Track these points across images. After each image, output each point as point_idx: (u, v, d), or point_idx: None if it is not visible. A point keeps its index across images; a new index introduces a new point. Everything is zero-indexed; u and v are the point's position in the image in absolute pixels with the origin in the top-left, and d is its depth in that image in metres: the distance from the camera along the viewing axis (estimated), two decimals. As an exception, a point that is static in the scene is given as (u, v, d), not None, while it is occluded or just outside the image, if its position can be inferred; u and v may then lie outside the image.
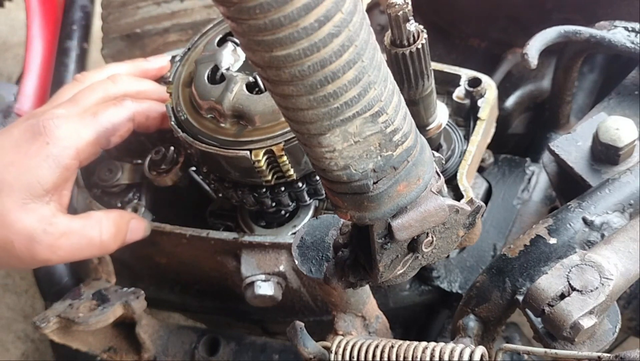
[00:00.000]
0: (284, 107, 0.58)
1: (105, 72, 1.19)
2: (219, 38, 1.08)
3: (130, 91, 1.14)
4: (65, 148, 1.02)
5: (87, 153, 1.05)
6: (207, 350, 1.20)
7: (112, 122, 1.07)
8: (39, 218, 1.00)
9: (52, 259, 1.02)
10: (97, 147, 1.07)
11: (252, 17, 0.50)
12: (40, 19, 1.64)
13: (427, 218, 0.66)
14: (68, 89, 1.16)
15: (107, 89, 1.12)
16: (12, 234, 0.98)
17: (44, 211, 1.00)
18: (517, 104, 1.42)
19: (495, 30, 1.43)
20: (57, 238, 1.01)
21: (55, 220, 1.01)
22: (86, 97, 1.10)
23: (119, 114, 1.08)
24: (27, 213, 0.99)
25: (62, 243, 1.01)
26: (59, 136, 1.02)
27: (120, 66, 1.22)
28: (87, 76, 1.18)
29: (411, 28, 0.85)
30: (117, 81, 1.14)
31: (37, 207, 1.00)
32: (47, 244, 1.00)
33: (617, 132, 0.94)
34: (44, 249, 1.00)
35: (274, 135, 0.98)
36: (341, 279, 0.77)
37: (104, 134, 1.07)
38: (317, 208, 1.15)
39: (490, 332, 0.90)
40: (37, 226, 0.99)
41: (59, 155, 1.01)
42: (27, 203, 0.99)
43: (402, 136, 0.61)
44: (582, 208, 0.88)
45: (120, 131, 1.09)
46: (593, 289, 0.76)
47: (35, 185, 0.99)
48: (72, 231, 1.02)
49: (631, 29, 1.08)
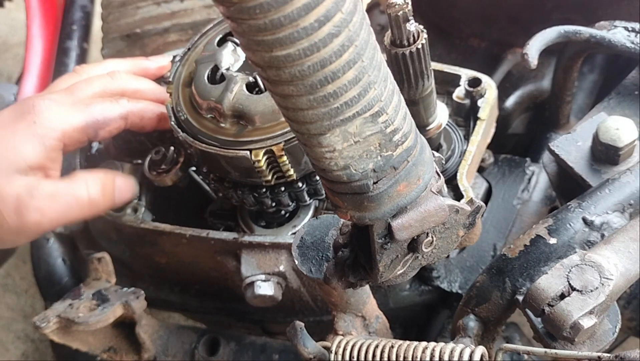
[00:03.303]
0: (284, 107, 0.58)
1: (104, 66, 1.19)
2: (219, 38, 1.08)
3: (128, 89, 1.14)
4: (51, 129, 1.02)
5: (72, 139, 1.05)
6: (207, 350, 1.19)
7: (103, 115, 1.08)
8: (24, 184, 1.00)
9: (42, 222, 1.02)
10: (84, 135, 1.07)
11: (252, 17, 0.50)
12: (40, 19, 1.64)
13: (427, 218, 0.66)
14: (65, 79, 1.17)
15: (105, 84, 1.12)
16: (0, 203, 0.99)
17: (29, 180, 1.01)
18: (517, 104, 1.42)
19: (495, 30, 1.43)
20: (44, 200, 1.01)
21: (41, 185, 1.01)
22: (83, 89, 1.10)
23: (112, 109, 1.08)
24: (11, 182, 0.99)
25: (50, 205, 1.01)
26: (46, 117, 1.02)
27: (120, 62, 1.22)
28: (86, 69, 1.19)
29: (411, 28, 0.85)
30: (116, 78, 1.14)
31: (21, 178, 1.00)
32: (35, 207, 1.00)
33: (617, 132, 0.94)
34: (33, 212, 1.00)
35: (274, 135, 0.98)
36: (341, 279, 0.77)
37: (93, 124, 1.07)
38: (317, 208, 1.15)
39: (490, 332, 0.90)
40: (22, 191, 1.00)
41: (44, 135, 1.02)
42: (11, 175, 0.99)
43: (402, 136, 0.61)
44: (582, 208, 0.88)
45: (109, 127, 1.09)
46: (593, 289, 0.76)
47: (19, 161, 1.00)
48: (58, 192, 1.03)
49: (631, 29, 1.08)
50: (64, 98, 1.07)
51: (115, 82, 1.13)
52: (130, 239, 1.23)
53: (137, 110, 1.11)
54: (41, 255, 1.39)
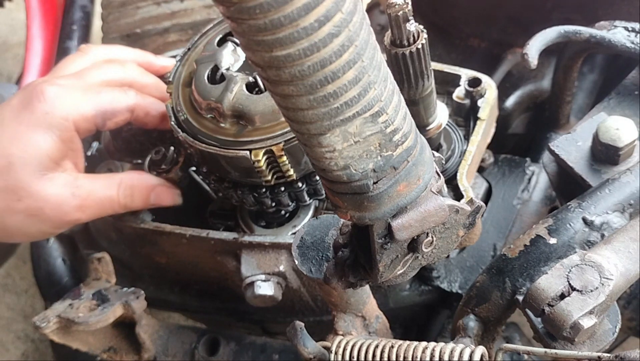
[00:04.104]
0: (284, 107, 0.58)
1: (111, 50, 1.19)
2: (219, 38, 1.08)
3: (138, 82, 1.14)
4: (63, 119, 1.02)
5: (82, 127, 1.06)
6: (207, 350, 1.20)
7: (112, 105, 1.08)
8: (63, 183, 1.02)
9: (81, 218, 1.06)
10: (93, 124, 1.07)
11: (252, 17, 0.50)
12: (40, 19, 1.64)
13: (427, 218, 0.66)
14: (72, 59, 1.16)
15: (116, 72, 1.12)
16: (41, 202, 1.01)
17: (65, 177, 1.03)
18: (517, 104, 1.42)
19: (495, 30, 1.43)
20: (84, 199, 1.04)
21: (79, 183, 1.04)
22: (93, 74, 1.10)
23: (121, 100, 1.08)
24: (49, 181, 1.01)
25: (89, 203, 1.05)
26: (57, 106, 1.02)
27: (127, 50, 1.21)
28: (92, 48, 1.18)
29: (411, 28, 0.85)
30: (127, 68, 1.14)
31: (56, 175, 1.02)
32: (76, 205, 1.03)
33: (617, 132, 0.94)
34: (74, 210, 1.04)
35: (274, 135, 0.98)
36: (341, 279, 0.77)
37: (102, 114, 1.07)
38: (317, 208, 1.15)
39: (490, 332, 0.90)
40: (63, 191, 1.02)
41: (58, 126, 1.02)
42: (45, 173, 1.01)
43: (402, 136, 0.61)
44: (582, 208, 0.88)
45: (117, 118, 1.09)
46: (593, 289, 0.76)
47: (44, 158, 1.01)
48: (95, 190, 1.06)
49: (631, 29, 1.08)
50: (73, 83, 1.06)
51: (126, 73, 1.13)
52: (130, 239, 1.23)
53: (143, 105, 1.11)
54: (41, 255, 1.39)
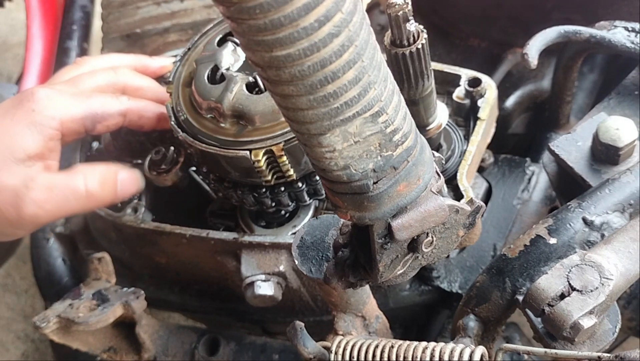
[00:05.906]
0: (284, 107, 0.58)
1: (107, 59, 1.19)
2: (219, 38, 1.08)
3: (131, 86, 1.14)
4: (50, 118, 1.02)
5: (70, 129, 1.05)
6: (207, 350, 1.19)
7: (102, 109, 1.07)
8: (21, 176, 0.99)
9: (39, 214, 1.01)
10: (81, 126, 1.06)
11: (252, 17, 0.50)
12: (40, 19, 1.64)
13: (427, 218, 0.66)
14: (67, 70, 1.16)
15: (108, 78, 1.12)
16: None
17: (27, 171, 1.00)
18: (517, 104, 1.42)
19: (495, 30, 1.43)
20: (41, 192, 1.00)
21: (38, 176, 1.01)
22: (85, 81, 1.10)
23: (111, 104, 1.08)
24: (10, 172, 0.99)
25: (47, 197, 1.01)
26: (45, 105, 1.02)
27: (122, 57, 1.22)
28: (88, 60, 1.19)
29: (411, 28, 0.85)
30: (119, 73, 1.14)
31: (20, 168, 0.99)
32: (31, 198, 0.99)
33: (617, 132, 0.94)
34: (30, 204, 0.99)
35: (274, 135, 0.98)
36: (341, 279, 0.77)
37: (91, 117, 1.06)
38: (317, 208, 1.15)
39: (490, 332, 0.90)
40: (19, 183, 0.99)
41: (43, 123, 1.01)
42: (10, 165, 0.99)
43: (402, 136, 0.61)
44: (582, 208, 0.88)
45: (108, 121, 1.08)
46: (593, 289, 0.76)
47: (18, 149, 0.99)
48: (55, 185, 1.02)
49: (631, 29, 1.08)
50: (64, 88, 1.07)
51: (118, 78, 1.13)
52: (130, 239, 1.23)
53: (136, 108, 1.11)
54: (41, 255, 1.39)
